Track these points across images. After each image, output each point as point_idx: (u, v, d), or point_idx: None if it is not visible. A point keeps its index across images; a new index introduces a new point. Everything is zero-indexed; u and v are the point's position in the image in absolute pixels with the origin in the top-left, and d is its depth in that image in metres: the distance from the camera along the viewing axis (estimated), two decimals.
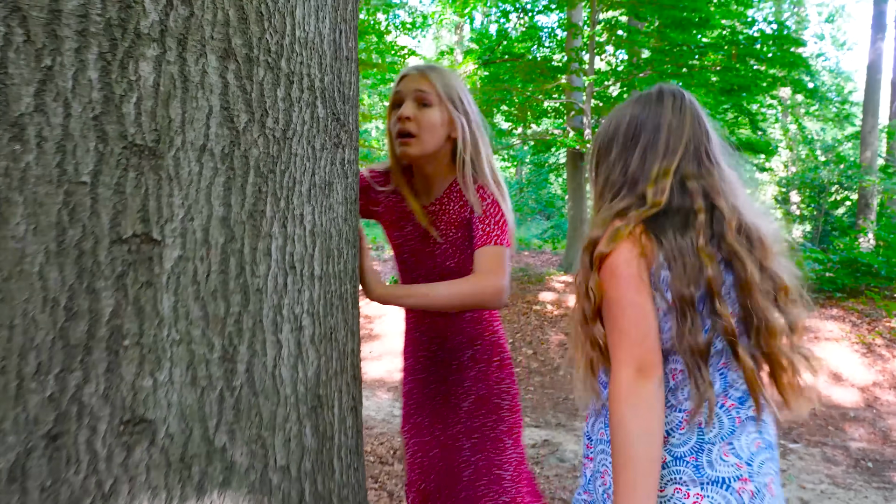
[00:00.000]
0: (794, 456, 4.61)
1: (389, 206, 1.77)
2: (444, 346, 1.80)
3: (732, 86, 9.41)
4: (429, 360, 1.83)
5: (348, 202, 1.24)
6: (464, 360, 1.77)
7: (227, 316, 0.92)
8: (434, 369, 1.82)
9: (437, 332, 1.80)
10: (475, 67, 11.70)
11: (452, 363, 1.79)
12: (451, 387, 1.79)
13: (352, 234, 1.26)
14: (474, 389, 1.77)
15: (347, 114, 1.22)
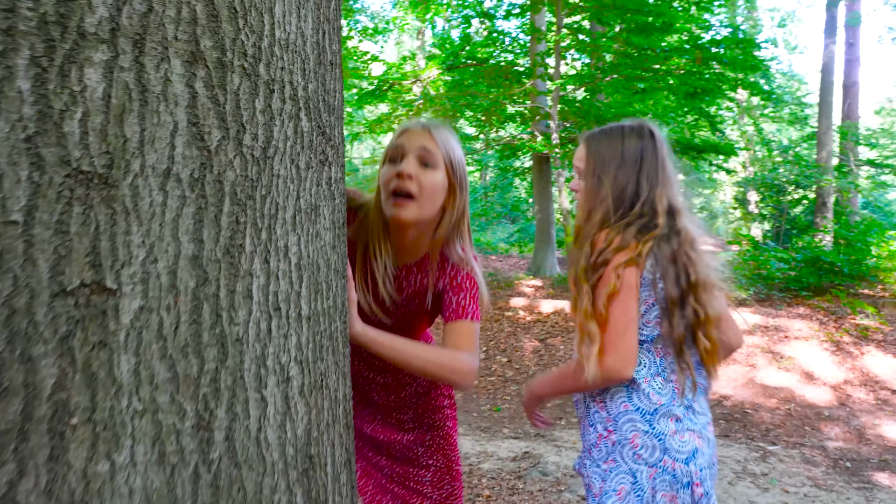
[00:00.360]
0: (775, 459, 4.58)
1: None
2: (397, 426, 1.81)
3: (696, 89, 9.50)
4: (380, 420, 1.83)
5: (336, 227, 1.08)
6: (400, 377, 1.74)
7: (201, 375, 0.76)
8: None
9: (390, 402, 1.78)
10: (439, 73, 11.59)
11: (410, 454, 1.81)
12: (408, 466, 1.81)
13: (340, 263, 1.10)
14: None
15: (333, 126, 1.06)
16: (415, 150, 1.46)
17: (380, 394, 1.77)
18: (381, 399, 1.78)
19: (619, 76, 9.16)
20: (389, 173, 1.46)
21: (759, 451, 4.72)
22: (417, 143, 1.46)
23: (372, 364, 1.71)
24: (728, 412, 5.35)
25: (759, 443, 4.89)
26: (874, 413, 5.32)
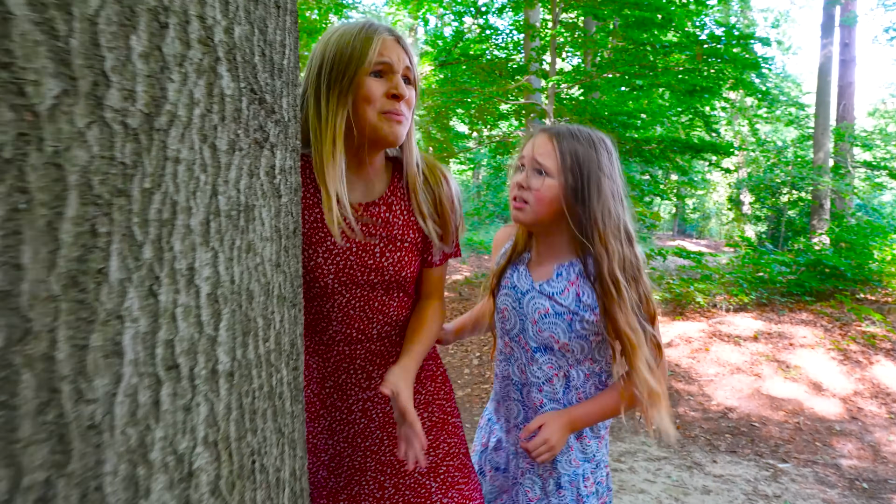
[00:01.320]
0: (787, 478, 4.29)
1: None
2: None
3: (695, 87, 9.22)
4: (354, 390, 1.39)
5: (283, 236, 0.76)
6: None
7: (14, 496, 0.44)
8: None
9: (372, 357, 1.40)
10: (431, 69, 11.28)
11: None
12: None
13: (289, 287, 0.78)
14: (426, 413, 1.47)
15: (278, 93, 0.74)
16: (402, 67, 1.25)
17: (385, 403, 1.39)
18: (388, 412, 1.39)
19: (616, 73, 8.86)
20: (379, 96, 1.22)
21: (769, 469, 4.44)
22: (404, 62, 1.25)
23: (368, 372, 1.37)
24: (734, 425, 5.07)
25: (769, 460, 4.60)
26: (888, 428, 5.04)
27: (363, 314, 1.32)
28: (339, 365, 1.34)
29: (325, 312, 1.30)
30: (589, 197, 1.37)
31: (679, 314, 7.45)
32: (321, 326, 1.31)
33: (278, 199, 0.74)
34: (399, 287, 1.35)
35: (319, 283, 1.27)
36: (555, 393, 1.48)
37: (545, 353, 1.46)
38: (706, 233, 29.63)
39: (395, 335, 1.39)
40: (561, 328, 1.42)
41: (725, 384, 5.73)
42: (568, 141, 1.40)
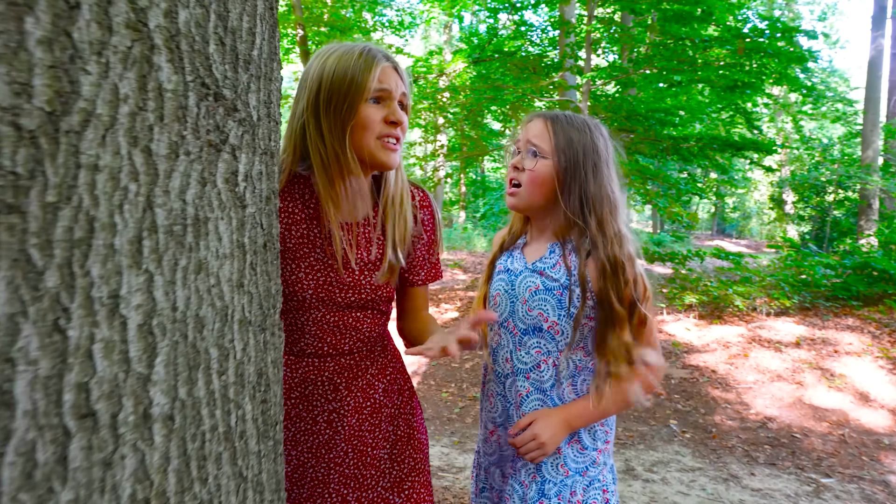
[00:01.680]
0: (830, 494, 4.07)
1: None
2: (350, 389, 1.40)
3: (736, 82, 8.93)
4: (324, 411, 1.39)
5: (249, 251, 0.67)
6: (377, 398, 1.42)
7: None
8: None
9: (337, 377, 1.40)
10: (464, 66, 11.17)
11: (365, 407, 1.41)
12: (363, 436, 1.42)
13: (257, 310, 0.69)
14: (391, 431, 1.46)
15: (243, 88, 0.65)
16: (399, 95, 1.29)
17: (352, 415, 1.39)
18: (354, 425, 1.40)
19: (654, 69, 8.61)
20: (378, 120, 1.26)
21: (811, 484, 4.22)
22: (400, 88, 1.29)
23: (336, 385, 1.37)
24: (774, 436, 4.84)
25: (811, 474, 4.38)
26: None
27: (336, 329, 1.33)
28: (306, 377, 1.34)
29: (298, 325, 1.31)
30: (585, 177, 1.36)
31: (717, 318, 7.20)
32: (292, 339, 1.32)
33: (242, 210, 0.64)
34: (374, 306, 1.37)
35: (298, 297, 1.28)
36: (541, 382, 1.40)
37: (533, 336, 1.39)
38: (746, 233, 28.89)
39: (365, 350, 1.39)
40: (550, 304, 1.37)
41: (765, 392, 5.50)
42: (562, 123, 1.40)
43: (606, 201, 1.37)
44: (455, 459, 4.34)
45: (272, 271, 0.73)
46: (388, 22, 16.67)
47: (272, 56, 0.73)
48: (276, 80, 0.76)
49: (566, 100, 9.25)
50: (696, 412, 5.22)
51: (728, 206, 28.94)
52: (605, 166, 1.40)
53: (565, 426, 1.37)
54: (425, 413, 5.29)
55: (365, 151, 1.25)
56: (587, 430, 1.42)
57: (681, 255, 8.36)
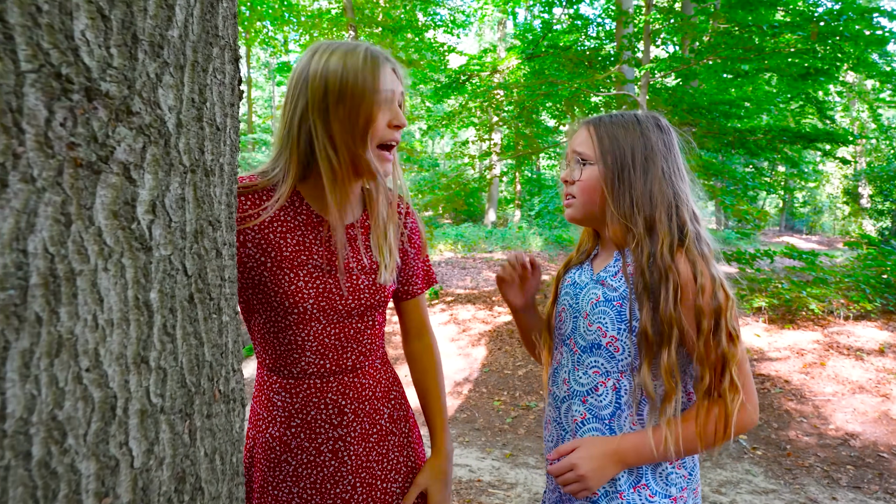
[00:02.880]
0: None
1: (272, 239, 1.24)
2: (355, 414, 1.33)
3: (809, 70, 8.35)
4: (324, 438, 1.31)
5: (161, 309, 0.48)
6: (383, 424, 1.37)
7: None
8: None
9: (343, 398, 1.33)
10: (518, 63, 10.91)
11: (371, 435, 1.34)
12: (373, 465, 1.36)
13: (180, 394, 0.50)
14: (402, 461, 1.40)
15: (150, 81, 0.46)
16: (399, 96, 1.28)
17: (358, 444, 1.32)
18: (361, 454, 1.33)
19: (718, 58, 8.13)
20: (384, 118, 1.23)
21: None
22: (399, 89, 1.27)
23: (341, 407, 1.30)
24: (857, 455, 4.42)
25: None
26: None
27: (338, 343, 1.28)
28: (308, 400, 1.26)
29: (298, 343, 1.25)
30: (633, 175, 1.27)
31: (789, 322, 6.72)
32: (292, 359, 1.25)
33: (145, 254, 0.45)
34: (373, 311, 1.33)
35: (298, 309, 1.22)
36: (599, 408, 1.26)
37: (592, 353, 1.28)
38: (817, 228, 27.49)
39: (367, 366, 1.34)
40: (609, 317, 1.25)
41: (846, 405, 5.05)
42: (606, 126, 1.32)
43: (661, 199, 1.26)
44: (506, 475, 4.12)
45: (210, 330, 0.54)
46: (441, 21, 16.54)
47: (210, 40, 0.54)
48: (221, 71, 0.57)
49: (624, 93, 8.87)
50: (769, 426, 4.83)
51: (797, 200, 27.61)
52: (663, 161, 1.29)
53: (615, 460, 1.18)
54: (476, 423, 5.09)
55: (364, 158, 1.22)
56: (655, 472, 1.24)
57: (748, 255, 7.87)
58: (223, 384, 0.57)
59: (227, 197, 0.59)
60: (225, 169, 0.58)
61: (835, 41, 7.25)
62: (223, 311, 0.57)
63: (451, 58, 17.16)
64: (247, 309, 1.27)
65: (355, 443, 1.30)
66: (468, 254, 14.13)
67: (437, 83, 12.47)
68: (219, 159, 0.56)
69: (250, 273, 1.22)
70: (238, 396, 0.61)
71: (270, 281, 1.21)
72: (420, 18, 15.64)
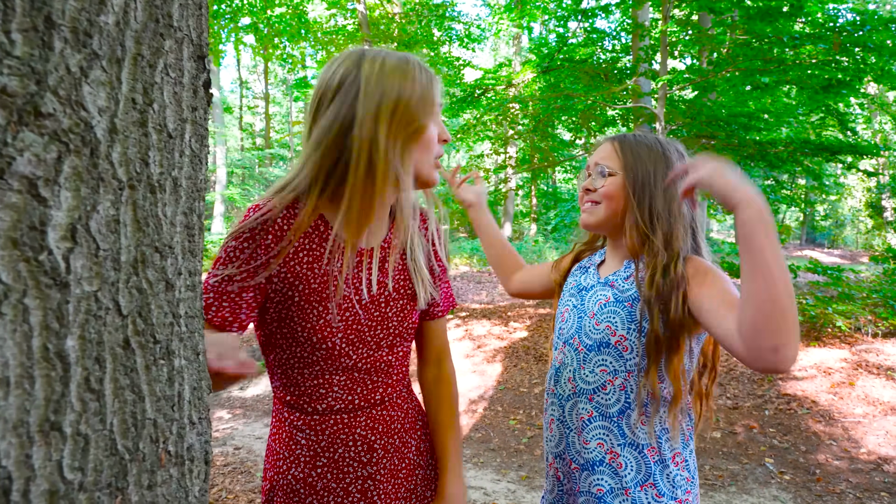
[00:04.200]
0: None
1: (301, 266, 1.15)
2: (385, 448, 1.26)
3: (830, 81, 8.18)
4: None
5: (83, 363, 0.38)
6: (411, 458, 1.29)
7: None
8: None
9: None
10: (533, 76, 10.84)
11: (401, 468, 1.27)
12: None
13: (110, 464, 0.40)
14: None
15: (65, 77, 0.37)
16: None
17: (387, 481, 1.25)
18: (391, 492, 1.26)
19: (736, 70, 7.99)
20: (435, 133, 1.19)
21: None
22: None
23: (370, 443, 1.22)
24: (892, 482, 4.22)
25: None
26: None
27: (367, 377, 1.21)
28: (335, 437, 1.18)
29: (326, 378, 1.17)
30: (654, 191, 1.31)
31: (815, 339, 6.52)
32: (318, 395, 1.17)
33: (60, 291, 0.36)
34: (402, 340, 1.26)
35: (327, 345, 1.15)
36: (606, 406, 1.29)
37: (600, 352, 1.30)
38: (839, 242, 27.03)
39: (395, 397, 1.27)
40: (620, 317, 1.29)
41: (877, 428, 4.84)
42: (630, 143, 1.37)
43: (679, 217, 1.31)
44: (522, 498, 3.98)
45: (155, 380, 0.44)
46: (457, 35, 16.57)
47: (160, 30, 0.44)
48: (177, 68, 0.48)
49: (641, 106, 8.76)
50: (796, 449, 4.64)
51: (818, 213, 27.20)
52: (680, 182, 1.29)
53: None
54: (491, 443, 4.95)
55: (421, 171, 1.17)
56: (664, 474, 1.27)
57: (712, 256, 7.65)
58: (174, 443, 0.47)
59: (185, 217, 0.50)
60: (182, 184, 0.49)
61: (857, 52, 7.08)
62: (175, 355, 0.47)
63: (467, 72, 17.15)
64: (267, 343, 1.19)
65: (385, 480, 1.22)
66: (483, 268, 14.02)
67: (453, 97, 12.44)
68: (170, 172, 0.47)
69: (276, 308, 1.13)
70: (199, 454, 0.51)
71: (298, 316, 1.13)
72: (435, 33, 15.68)
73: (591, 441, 1.30)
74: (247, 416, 5.33)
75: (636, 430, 1.27)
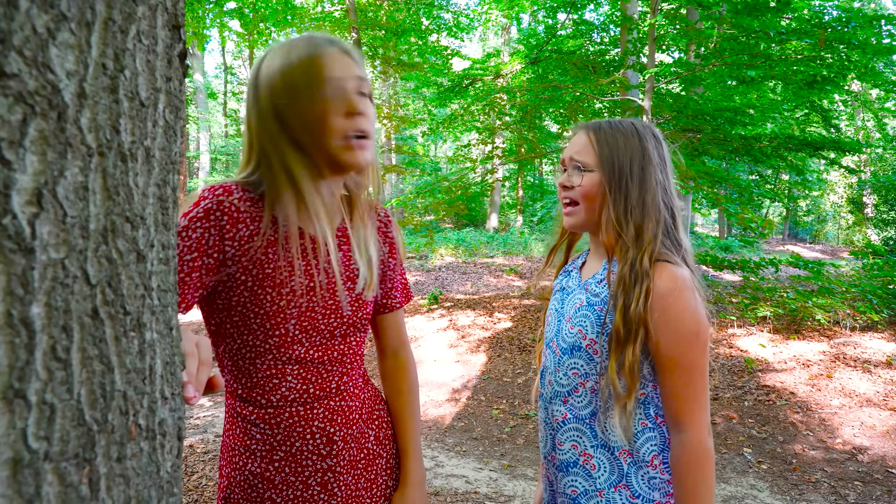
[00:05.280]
0: None
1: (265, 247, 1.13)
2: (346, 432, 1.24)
3: (815, 77, 8.25)
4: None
5: (49, 330, 0.38)
6: (370, 447, 1.28)
7: None
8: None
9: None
10: (521, 67, 10.82)
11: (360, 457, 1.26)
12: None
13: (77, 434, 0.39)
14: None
15: (30, 38, 0.36)
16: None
17: (347, 473, 1.23)
18: (350, 483, 1.24)
19: (723, 64, 8.03)
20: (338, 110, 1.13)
21: None
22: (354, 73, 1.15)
23: (329, 435, 1.19)
24: (866, 471, 4.29)
25: None
26: None
27: (322, 367, 1.18)
28: (292, 430, 1.16)
29: (279, 368, 1.14)
30: (630, 183, 1.29)
31: (794, 332, 6.60)
32: (271, 385, 1.14)
33: (25, 257, 0.35)
34: (356, 331, 1.24)
35: (280, 331, 1.12)
36: (579, 408, 1.30)
37: (572, 355, 1.31)
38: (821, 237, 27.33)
39: (352, 386, 1.25)
40: (590, 320, 1.29)
41: (853, 419, 4.93)
42: (605, 132, 1.34)
43: (652, 208, 1.29)
44: (504, 486, 4.00)
45: (126, 352, 0.44)
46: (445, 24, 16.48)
47: None
48: (151, 36, 0.47)
49: (628, 98, 8.77)
50: (774, 439, 4.71)
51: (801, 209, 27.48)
52: (657, 171, 1.32)
53: None
54: (473, 432, 4.97)
55: (330, 153, 1.13)
56: (639, 476, 1.25)
57: (753, 263, 7.75)
58: (145, 417, 0.46)
59: (159, 189, 0.49)
60: (154, 154, 0.48)
61: (842, 49, 7.14)
62: (146, 328, 0.46)
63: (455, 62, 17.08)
64: (217, 333, 1.16)
65: (344, 472, 1.20)
66: (469, 259, 14.03)
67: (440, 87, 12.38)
68: (142, 141, 0.46)
69: (228, 294, 1.10)
70: (171, 429, 0.50)
71: (250, 301, 1.10)
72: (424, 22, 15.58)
73: (566, 443, 1.31)
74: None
75: (608, 432, 1.27)
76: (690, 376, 1.19)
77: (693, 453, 1.18)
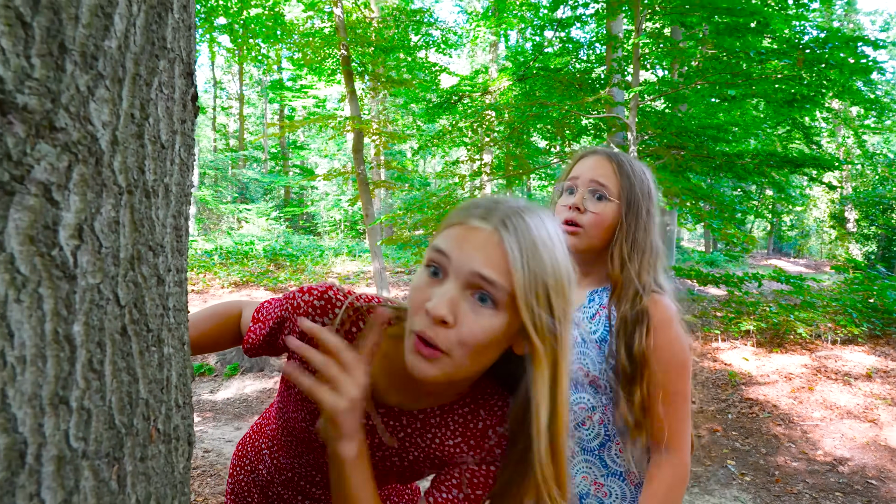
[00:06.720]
0: None
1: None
2: None
3: (795, 96, 8.43)
4: None
5: (87, 346, 0.44)
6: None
7: None
8: None
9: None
10: (509, 84, 10.96)
11: None
12: None
13: (108, 436, 0.45)
14: None
15: (75, 95, 0.42)
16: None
17: None
18: None
19: (706, 82, 8.20)
20: None
21: None
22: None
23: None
24: (846, 482, 4.37)
25: None
26: None
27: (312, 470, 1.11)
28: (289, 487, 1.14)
29: (299, 459, 1.08)
30: (636, 223, 1.31)
31: (777, 346, 6.71)
32: (287, 465, 1.11)
33: (68, 283, 0.41)
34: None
35: (308, 440, 1.05)
36: (587, 441, 1.31)
37: (577, 391, 1.32)
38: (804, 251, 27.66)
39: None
40: (590, 357, 1.30)
41: (834, 430, 5.02)
42: (626, 164, 1.34)
43: (650, 250, 1.32)
44: None
45: (148, 364, 0.50)
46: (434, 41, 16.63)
47: (156, 52, 0.50)
48: (170, 86, 0.54)
49: (613, 116, 8.92)
50: (757, 451, 4.78)
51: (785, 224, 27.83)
52: (657, 214, 1.36)
53: None
54: None
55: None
56: (622, 482, 1.30)
57: (736, 278, 7.87)
58: (163, 422, 0.53)
59: (175, 220, 0.55)
60: (172, 189, 0.54)
61: (820, 69, 7.33)
62: (164, 343, 0.52)
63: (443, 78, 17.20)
64: (281, 404, 1.08)
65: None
66: None
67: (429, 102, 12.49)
68: (163, 179, 0.52)
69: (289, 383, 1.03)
70: (183, 434, 0.56)
71: (296, 398, 1.04)
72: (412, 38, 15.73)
73: (577, 475, 1.32)
74: (216, 420, 5.31)
75: (617, 459, 1.30)
76: (677, 402, 1.23)
77: (679, 474, 1.23)
